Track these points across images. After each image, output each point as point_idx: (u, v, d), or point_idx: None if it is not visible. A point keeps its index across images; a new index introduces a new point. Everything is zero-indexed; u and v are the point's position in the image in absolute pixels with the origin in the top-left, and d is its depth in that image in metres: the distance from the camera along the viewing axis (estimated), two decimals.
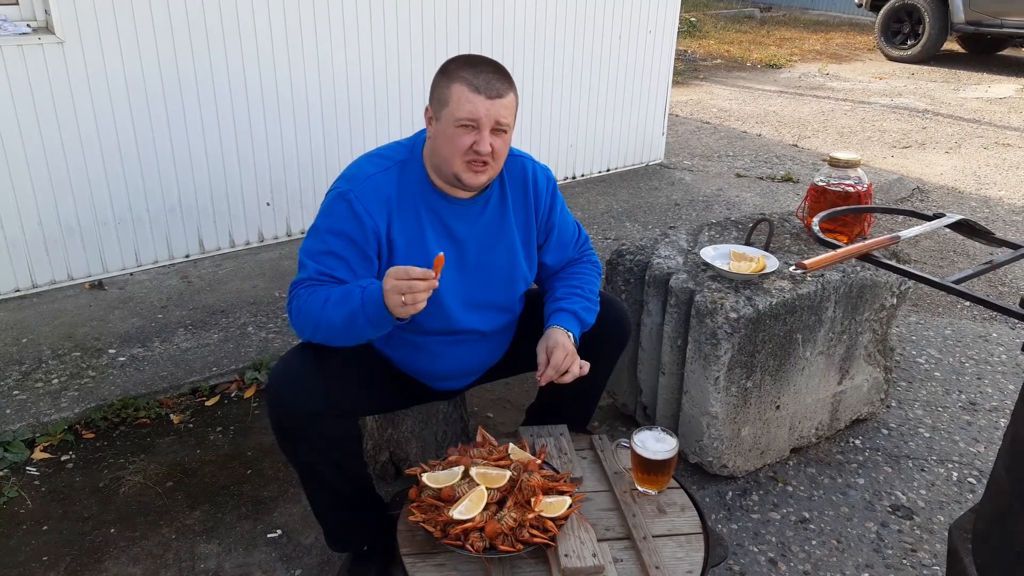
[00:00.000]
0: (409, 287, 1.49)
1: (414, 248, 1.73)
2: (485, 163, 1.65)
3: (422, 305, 1.52)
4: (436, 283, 1.51)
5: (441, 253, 1.53)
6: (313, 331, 1.65)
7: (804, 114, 6.87)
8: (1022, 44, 9.90)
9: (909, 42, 9.32)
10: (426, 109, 1.71)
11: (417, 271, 1.50)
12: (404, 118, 3.84)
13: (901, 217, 2.81)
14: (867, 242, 1.50)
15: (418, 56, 3.81)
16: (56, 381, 2.62)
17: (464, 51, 3.95)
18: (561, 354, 1.71)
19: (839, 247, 1.49)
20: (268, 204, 3.63)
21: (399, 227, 1.71)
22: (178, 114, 3.25)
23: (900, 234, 1.55)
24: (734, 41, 10.45)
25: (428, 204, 1.74)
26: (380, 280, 1.72)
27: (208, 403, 2.63)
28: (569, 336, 1.76)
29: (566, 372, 1.72)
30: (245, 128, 3.43)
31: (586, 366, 1.74)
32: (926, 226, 1.63)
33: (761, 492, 2.27)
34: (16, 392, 2.55)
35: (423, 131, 1.77)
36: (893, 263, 1.47)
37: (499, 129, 1.65)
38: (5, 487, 2.21)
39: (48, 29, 2.95)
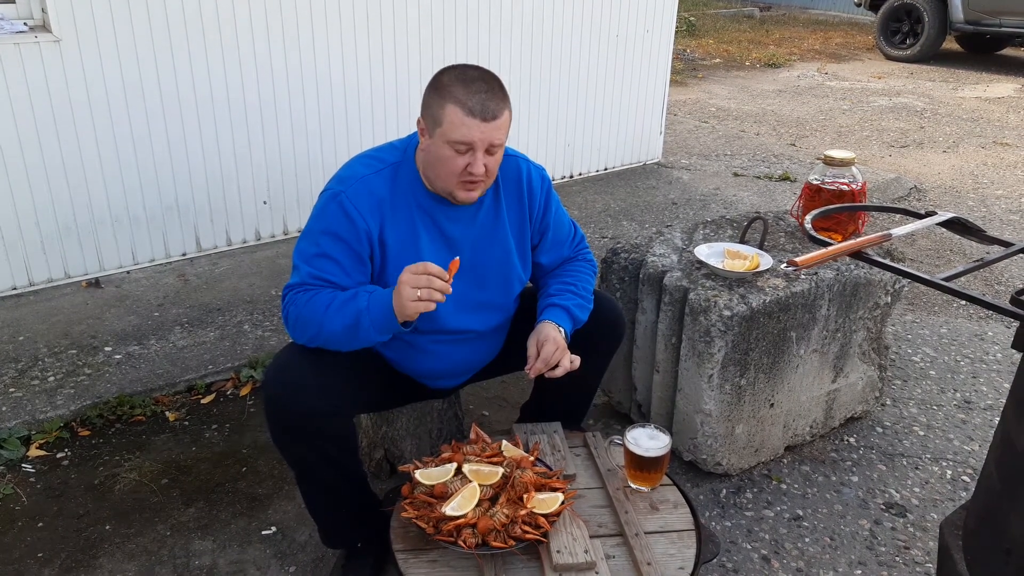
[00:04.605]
0: (428, 282, 1.51)
1: (407, 250, 1.72)
2: (478, 181, 1.65)
3: (433, 305, 1.53)
4: (450, 288, 1.53)
5: (457, 258, 1.55)
6: (314, 336, 1.65)
7: (802, 114, 6.87)
8: (1021, 44, 9.90)
9: (908, 41, 9.32)
10: (418, 120, 1.69)
11: (436, 268, 1.51)
12: (401, 117, 3.85)
13: (899, 216, 2.82)
14: (859, 240, 1.50)
15: (415, 56, 3.82)
16: (52, 379, 2.62)
17: (461, 53, 3.97)
18: (551, 348, 1.71)
19: (831, 244, 1.50)
20: (265, 203, 3.63)
21: (392, 229, 1.71)
22: (175, 112, 3.25)
23: (892, 232, 1.56)
24: (733, 40, 10.45)
25: (421, 206, 1.74)
26: (373, 279, 1.74)
27: (204, 401, 2.64)
28: (560, 331, 1.76)
29: (556, 366, 1.72)
30: (242, 127, 3.44)
31: (576, 360, 1.74)
32: (918, 224, 1.64)
33: (755, 490, 2.28)
34: (12, 390, 2.55)
35: (416, 133, 1.77)
36: (886, 261, 1.48)
37: (492, 148, 1.63)
38: (1, 484, 2.22)
39: (45, 27, 2.95)
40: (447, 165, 1.62)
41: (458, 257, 1.55)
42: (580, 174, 4.86)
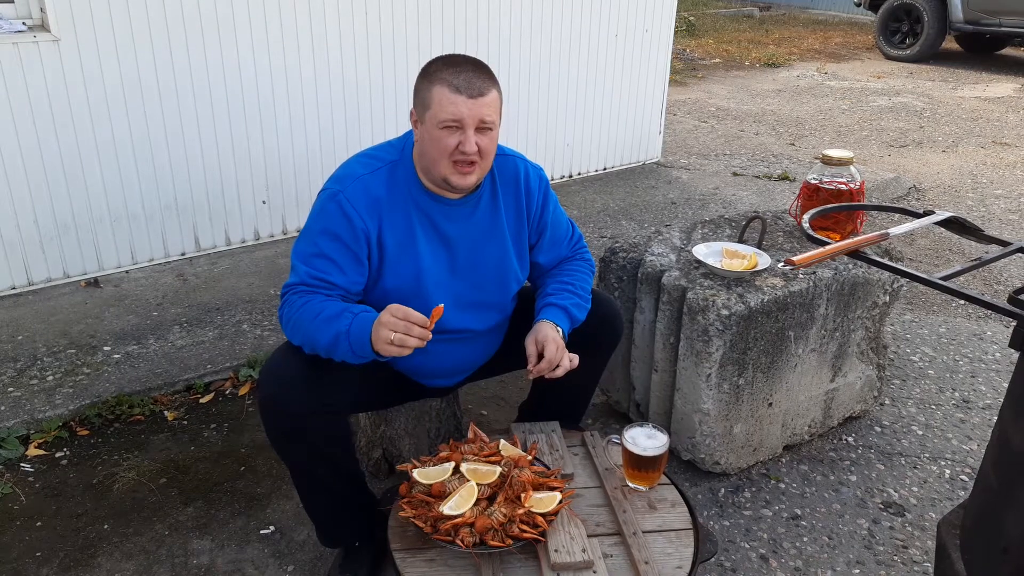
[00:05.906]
0: (406, 328, 1.51)
1: (405, 250, 1.73)
2: (472, 163, 1.65)
3: (407, 352, 1.53)
4: (429, 335, 1.53)
5: (441, 305, 1.55)
6: (303, 343, 1.65)
7: (802, 113, 6.87)
8: (1021, 44, 9.90)
9: (908, 41, 9.33)
10: (411, 113, 1.71)
11: (418, 317, 1.52)
12: (400, 116, 3.85)
13: (897, 215, 2.82)
14: (856, 239, 1.50)
15: (413, 55, 3.82)
16: (51, 378, 2.62)
17: (460, 50, 3.96)
18: (552, 348, 1.71)
19: (829, 244, 1.50)
20: (264, 202, 3.63)
21: (389, 229, 1.71)
22: (174, 112, 3.25)
23: (889, 231, 1.56)
24: (733, 40, 10.45)
25: (418, 205, 1.74)
26: (370, 278, 1.74)
27: (202, 400, 2.64)
28: (558, 331, 1.76)
29: (556, 366, 1.72)
30: (241, 126, 3.44)
31: (575, 359, 1.74)
32: (915, 223, 1.64)
33: (753, 489, 2.28)
34: (11, 389, 2.55)
35: (412, 131, 1.77)
36: (884, 260, 1.48)
37: (484, 127, 1.64)
38: None
39: (44, 27, 2.95)
40: (439, 146, 1.63)
41: (442, 304, 1.56)
42: (579, 174, 4.86)
